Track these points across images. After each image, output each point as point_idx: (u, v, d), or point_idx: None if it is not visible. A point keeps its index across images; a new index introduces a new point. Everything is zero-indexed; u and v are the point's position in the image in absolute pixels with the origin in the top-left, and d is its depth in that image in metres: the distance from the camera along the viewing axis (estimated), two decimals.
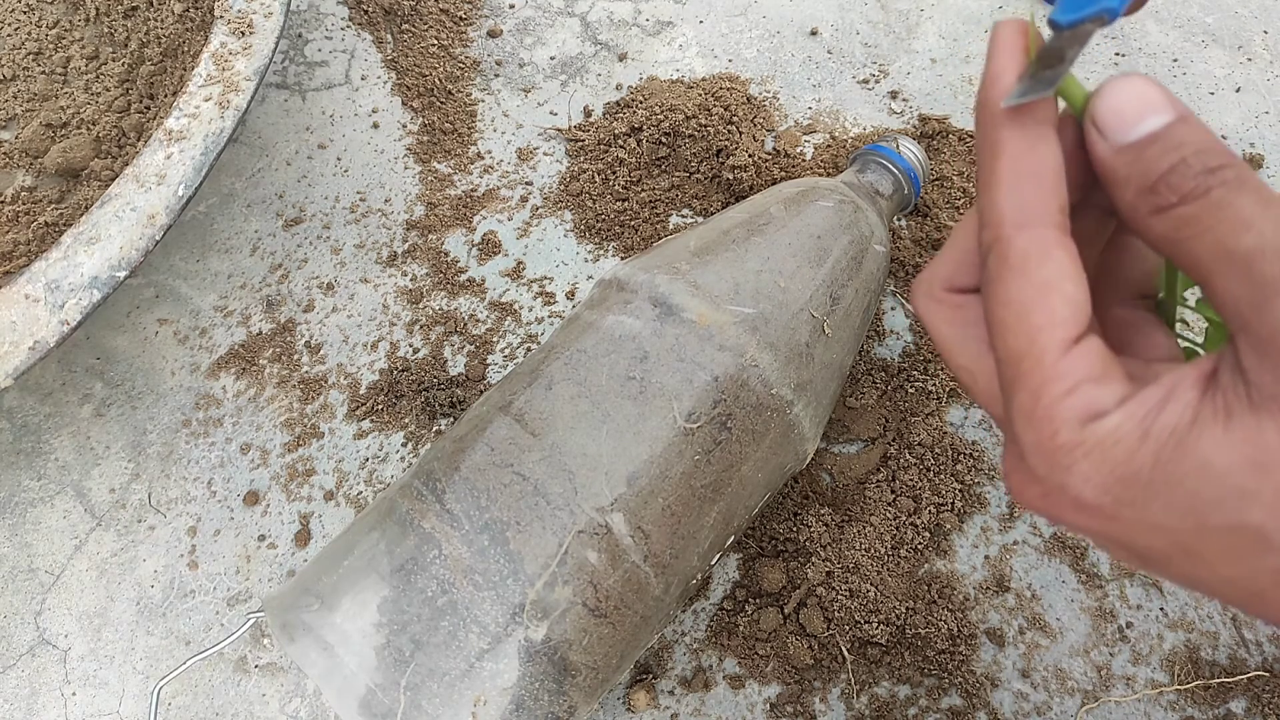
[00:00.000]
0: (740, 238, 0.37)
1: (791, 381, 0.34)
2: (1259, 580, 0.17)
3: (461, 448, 0.32)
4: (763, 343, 0.33)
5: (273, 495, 0.45)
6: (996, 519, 0.42)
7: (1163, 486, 0.17)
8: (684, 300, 0.34)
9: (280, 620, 0.30)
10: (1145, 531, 0.18)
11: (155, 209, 0.39)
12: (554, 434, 0.31)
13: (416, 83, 0.57)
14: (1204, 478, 0.17)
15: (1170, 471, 0.17)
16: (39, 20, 0.56)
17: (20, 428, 0.48)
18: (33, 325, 0.36)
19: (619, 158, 0.53)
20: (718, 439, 0.32)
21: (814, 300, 0.36)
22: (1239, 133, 0.51)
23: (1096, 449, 0.18)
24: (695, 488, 0.32)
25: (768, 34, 0.59)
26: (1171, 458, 0.17)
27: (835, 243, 0.37)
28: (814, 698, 0.38)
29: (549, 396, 0.33)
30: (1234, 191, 0.17)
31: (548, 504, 0.30)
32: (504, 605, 0.29)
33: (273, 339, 0.49)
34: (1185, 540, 0.18)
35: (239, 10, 0.45)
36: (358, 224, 0.53)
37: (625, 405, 0.32)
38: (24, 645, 0.42)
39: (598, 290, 0.38)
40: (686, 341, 0.33)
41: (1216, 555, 0.17)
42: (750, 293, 0.34)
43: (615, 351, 0.33)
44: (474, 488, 0.31)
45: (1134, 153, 0.19)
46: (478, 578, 0.29)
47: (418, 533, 0.30)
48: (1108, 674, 0.38)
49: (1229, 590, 0.18)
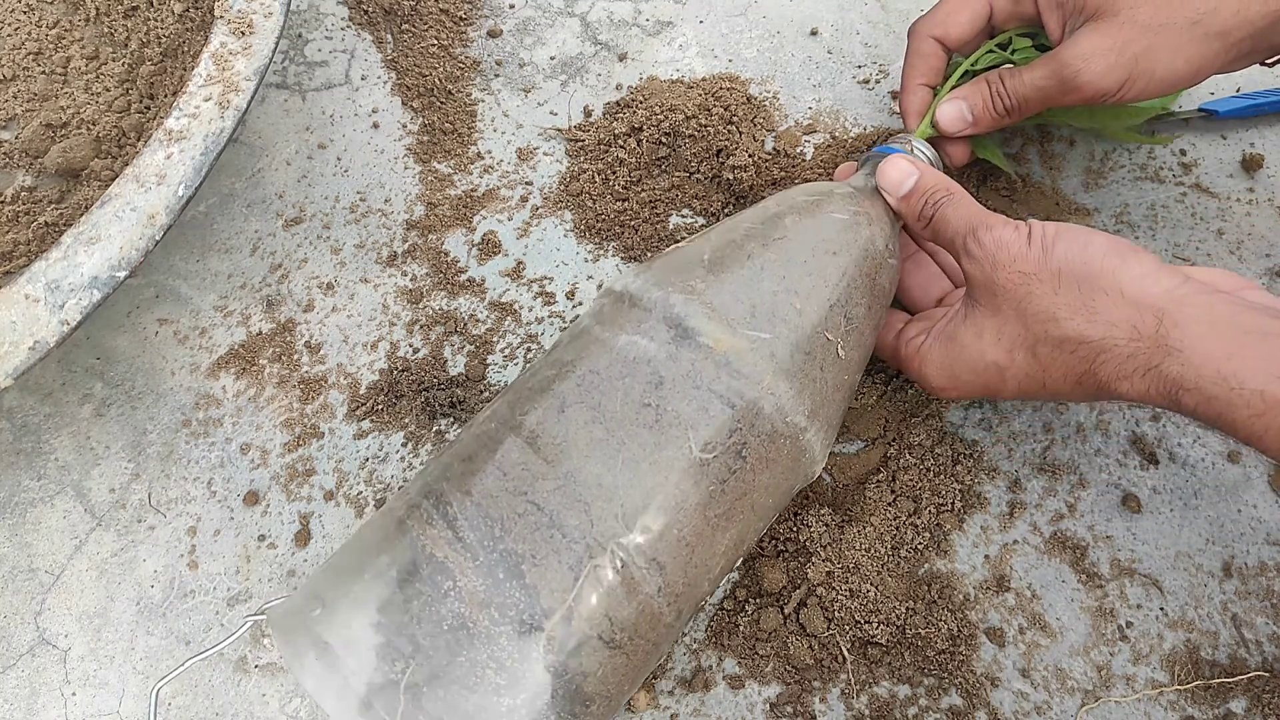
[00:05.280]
0: (755, 253, 0.36)
1: (806, 408, 0.34)
2: (1016, 387, 0.36)
3: (472, 469, 0.32)
4: (779, 370, 0.33)
5: (273, 495, 0.45)
6: (996, 518, 0.42)
7: (958, 362, 0.37)
8: (700, 323, 0.33)
9: (289, 647, 0.30)
10: (965, 384, 0.37)
11: (155, 209, 0.39)
12: (568, 462, 0.31)
13: (416, 83, 0.57)
14: (967, 349, 0.36)
15: (956, 354, 0.37)
16: (39, 20, 0.56)
17: (20, 428, 0.48)
18: (33, 325, 0.36)
19: (619, 158, 0.53)
20: (732, 468, 0.32)
21: (829, 321, 0.35)
22: (1239, 132, 0.51)
23: (925, 356, 0.38)
24: (709, 517, 0.32)
25: (768, 34, 0.59)
26: (954, 347, 0.37)
27: (849, 259, 0.37)
28: (814, 698, 0.38)
29: (562, 420, 0.32)
30: (946, 206, 0.38)
31: (563, 536, 0.30)
32: (520, 640, 0.29)
33: (273, 339, 0.49)
34: (979, 381, 0.37)
35: (239, 10, 0.45)
36: (358, 224, 0.53)
37: (640, 434, 0.31)
38: (24, 645, 0.42)
39: (608, 302, 0.37)
40: (703, 368, 0.32)
41: (993, 384, 0.36)
42: (766, 315, 0.34)
43: (630, 375, 0.32)
44: (487, 516, 0.30)
45: (905, 201, 0.39)
46: (493, 612, 0.29)
47: (431, 562, 0.30)
48: (1108, 674, 0.38)
49: (1017, 395, 0.36)
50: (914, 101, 0.46)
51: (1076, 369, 0.34)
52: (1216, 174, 0.50)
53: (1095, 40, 0.39)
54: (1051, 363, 0.34)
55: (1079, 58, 0.40)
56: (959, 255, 0.37)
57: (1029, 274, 0.34)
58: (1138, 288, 0.32)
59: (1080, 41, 0.40)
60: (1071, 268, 0.33)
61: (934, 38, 0.45)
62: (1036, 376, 0.35)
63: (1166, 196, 0.49)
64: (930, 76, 0.46)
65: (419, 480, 0.34)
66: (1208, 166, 0.50)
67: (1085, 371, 0.33)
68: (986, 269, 0.35)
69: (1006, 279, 0.34)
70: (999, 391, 0.37)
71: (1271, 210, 0.48)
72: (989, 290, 0.35)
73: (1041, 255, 0.34)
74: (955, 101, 0.44)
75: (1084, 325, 0.33)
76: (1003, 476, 0.42)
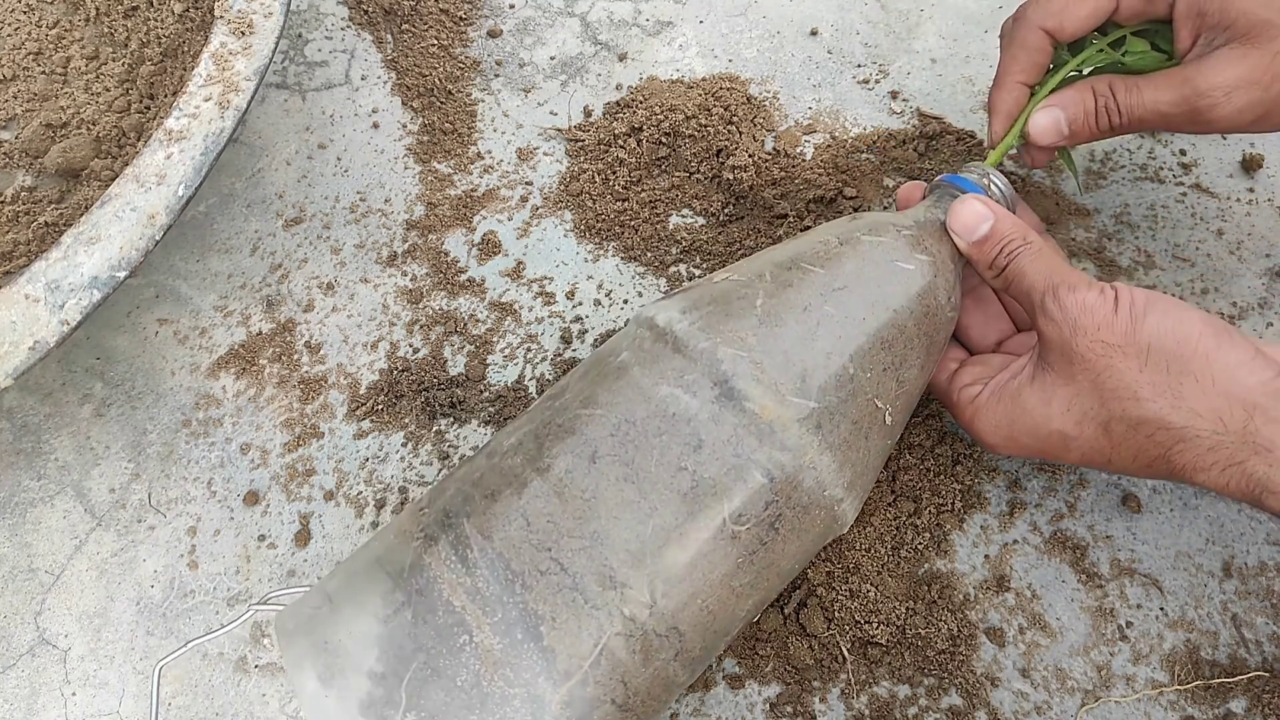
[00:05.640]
0: (812, 305, 0.33)
1: (846, 480, 0.33)
2: (1080, 456, 0.34)
3: (495, 510, 0.31)
4: (824, 443, 0.31)
5: (273, 495, 0.45)
6: (996, 518, 0.42)
7: (1018, 425, 0.35)
8: (747, 386, 0.31)
9: (300, 690, 0.29)
10: (1023, 446, 0.35)
11: (155, 209, 0.39)
12: (596, 521, 0.30)
13: (416, 83, 0.57)
14: (1030, 414, 0.34)
15: (1018, 416, 0.34)
16: (39, 20, 0.56)
17: (20, 428, 0.48)
18: (33, 325, 0.36)
19: (619, 158, 0.53)
20: (764, 540, 0.31)
21: (880, 387, 0.33)
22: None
23: (980, 410, 0.36)
24: (734, 586, 0.31)
25: (768, 34, 0.59)
26: (1016, 409, 0.35)
27: (910, 318, 0.34)
28: (814, 698, 0.38)
29: (593, 473, 0.31)
30: (1023, 257, 0.35)
31: (585, 602, 0.29)
32: (533, 704, 0.28)
33: (273, 339, 0.49)
34: (1040, 446, 0.35)
35: (239, 10, 0.45)
36: (358, 224, 0.53)
37: (673, 501, 0.30)
38: (24, 645, 0.42)
39: (649, 337, 0.34)
40: (745, 435, 0.31)
41: (1056, 450, 0.34)
42: (818, 383, 0.32)
43: (668, 433, 0.31)
44: (509, 568, 0.29)
45: (976, 247, 0.36)
46: (508, 672, 0.28)
47: (447, 610, 0.29)
48: (1108, 673, 0.38)
49: (1077, 462, 0.34)
50: (1008, 101, 0.40)
51: (1150, 452, 0.32)
52: (1216, 174, 0.50)
53: (1239, 70, 0.35)
54: (1124, 442, 0.32)
55: (1218, 89, 0.35)
56: (1034, 312, 0.34)
57: (1113, 345, 0.31)
58: (1230, 377, 0.30)
59: (1221, 68, 0.35)
60: (1162, 344, 0.31)
61: (1045, 30, 0.39)
62: (1104, 452, 0.33)
63: (1166, 196, 0.49)
64: (1031, 74, 0.40)
65: (438, 500, 0.32)
66: (1208, 166, 0.50)
67: (1159, 456, 0.31)
68: (1065, 333, 0.32)
69: (1087, 347, 0.32)
70: (1058, 458, 0.35)
71: (1271, 210, 0.48)
72: (1065, 356, 0.33)
73: (1129, 326, 0.31)
74: (1051, 110, 0.39)
75: (1167, 410, 0.31)
76: (1002, 476, 0.42)
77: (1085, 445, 0.33)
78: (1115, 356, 0.31)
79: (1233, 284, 0.46)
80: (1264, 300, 0.45)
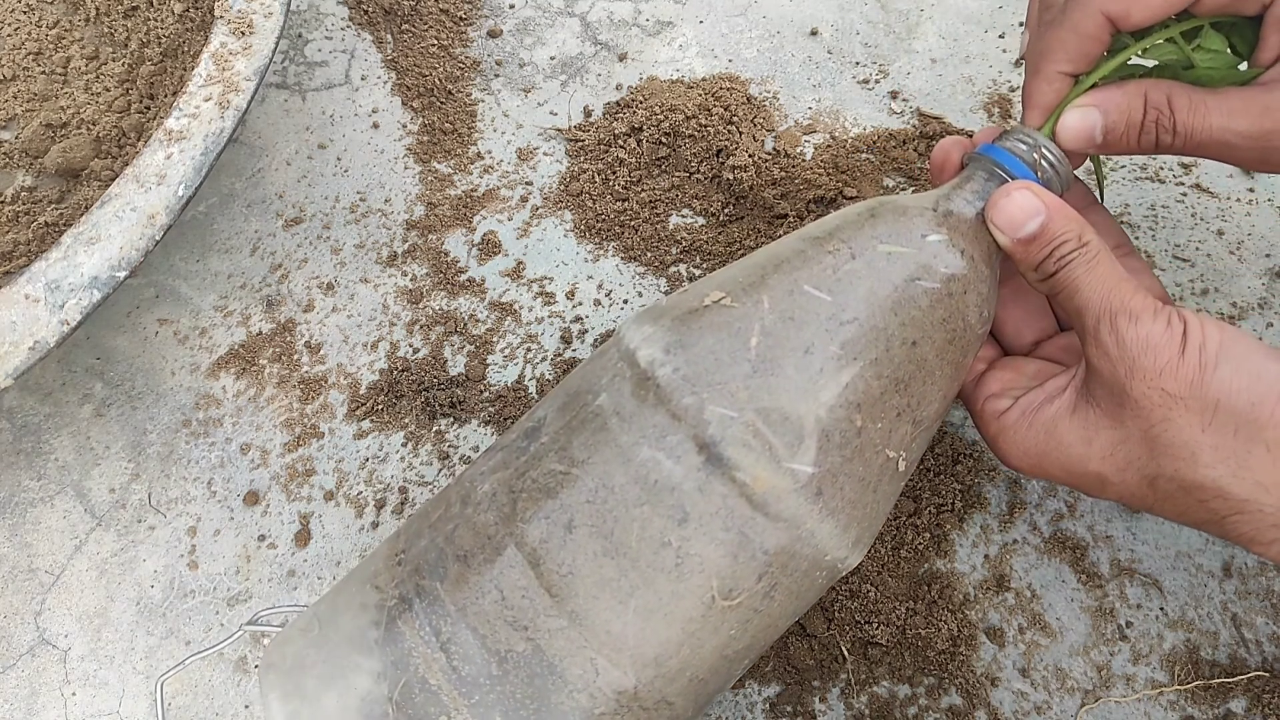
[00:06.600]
0: (816, 345, 0.28)
1: (850, 540, 0.29)
2: (1116, 497, 0.31)
3: (467, 577, 0.29)
4: (825, 510, 0.28)
5: (273, 495, 0.45)
6: (996, 518, 0.42)
7: (1049, 457, 0.31)
8: (736, 453, 0.27)
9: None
10: (1051, 476, 0.31)
11: (155, 209, 0.39)
12: (574, 600, 0.27)
13: (416, 83, 0.58)
14: (1067, 449, 0.30)
15: (1052, 448, 0.31)
16: (39, 20, 0.56)
17: (20, 428, 0.48)
18: (33, 325, 0.36)
19: (619, 158, 0.53)
20: (758, 609, 0.29)
21: (893, 436, 0.29)
22: None
23: (1006, 430, 0.32)
24: (727, 655, 0.29)
25: (768, 34, 0.59)
26: (1050, 441, 0.31)
27: (933, 349, 0.29)
28: (814, 697, 0.38)
29: (569, 545, 0.28)
30: (1078, 267, 0.29)
31: (565, 686, 0.27)
32: None
33: (273, 339, 0.49)
34: (1072, 481, 0.31)
35: (239, 10, 0.45)
36: (358, 224, 0.53)
37: (657, 579, 0.27)
38: (24, 645, 0.42)
39: (628, 380, 0.30)
40: (735, 507, 0.27)
41: (1089, 488, 0.31)
42: (819, 443, 0.28)
43: (649, 503, 0.28)
44: (484, 647, 0.28)
45: (1022, 246, 0.30)
46: None
47: (423, 687, 0.28)
48: (1108, 673, 0.38)
49: (1112, 499, 0.31)
50: (1045, 91, 0.33)
51: (1200, 516, 0.28)
52: (1216, 174, 0.50)
53: None
54: (1170, 499, 0.28)
55: None
56: (1084, 336, 0.29)
57: (1175, 396, 0.27)
58: None
59: None
60: (1232, 404, 0.26)
61: (1107, 14, 0.31)
62: (1144, 501, 0.29)
63: (1166, 196, 0.49)
64: (1080, 63, 0.32)
65: (413, 547, 0.31)
66: (1208, 166, 0.50)
67: (1210, 520, 0.28)
68: (1119, 372, 0.28)
69: (1143, 394, 0.27)
70: (1089, 494, 0.32)
71: (1271, 210, 0.48)
72: (1115, 396, 0.28)
73: (1197, 376, 0.27)
74: (1088, 111, 0.32)
75: (1227, 478, 0.27)
76: (1003, 476, 0.42)
77: (1124, 491, 0.30)
78: (1176, 409, 0.27)
79: (1233, 284, 0.46)
80: (1264, 300, 0.45)
